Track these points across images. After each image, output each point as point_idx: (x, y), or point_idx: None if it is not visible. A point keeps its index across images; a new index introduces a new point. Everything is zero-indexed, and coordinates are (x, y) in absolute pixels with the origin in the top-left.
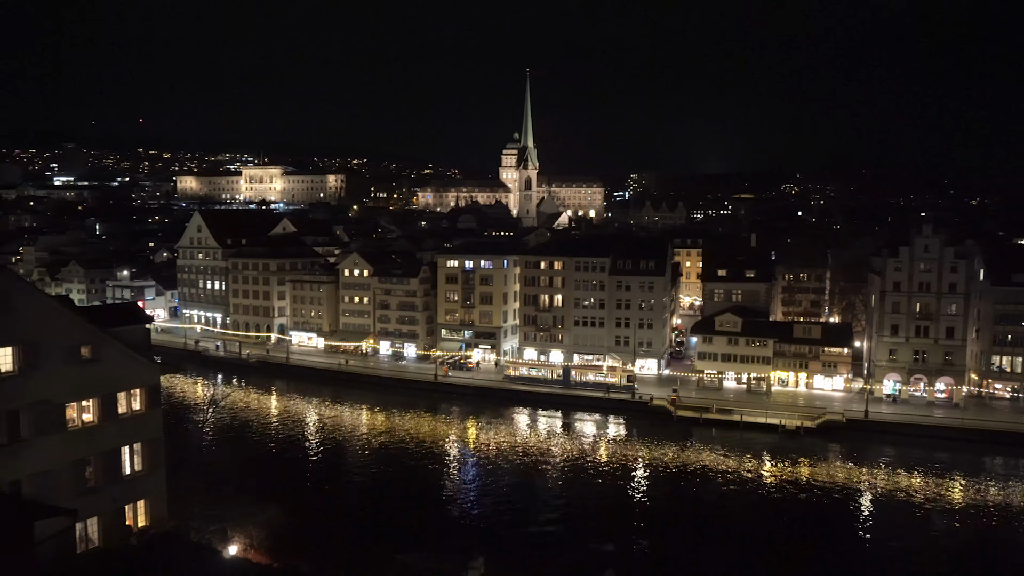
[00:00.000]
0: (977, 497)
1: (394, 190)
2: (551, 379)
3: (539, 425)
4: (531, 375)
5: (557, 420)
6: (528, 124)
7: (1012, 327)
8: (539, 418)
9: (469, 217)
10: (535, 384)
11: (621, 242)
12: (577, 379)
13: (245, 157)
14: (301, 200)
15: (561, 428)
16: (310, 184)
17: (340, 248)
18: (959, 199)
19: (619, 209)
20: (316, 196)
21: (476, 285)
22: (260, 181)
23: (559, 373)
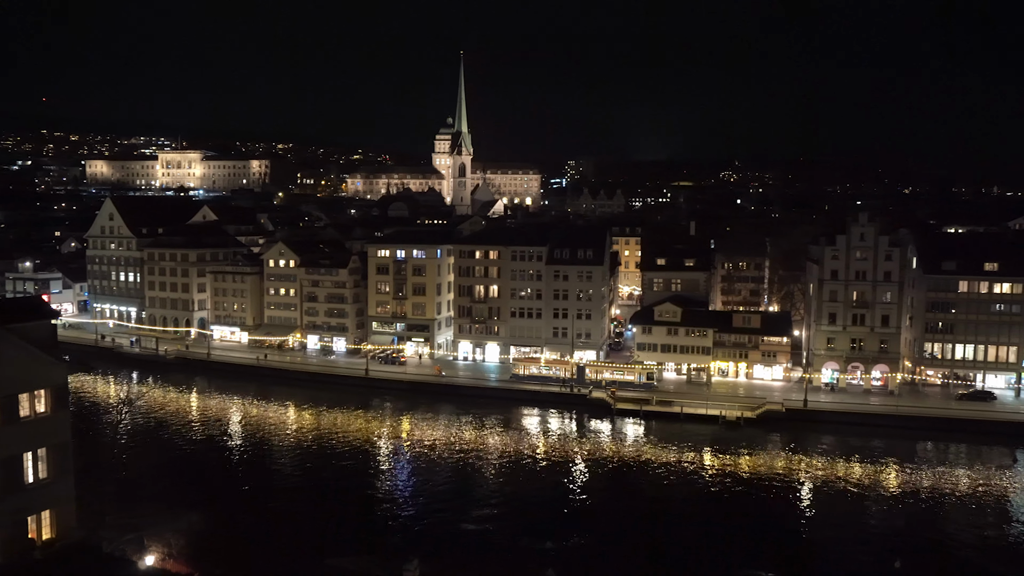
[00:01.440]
0: (910, 482)
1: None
2: (564, 378)
3: (475, 420)
4: (542, 374)
5: (494, 415)
6: (462, 108)
7: (943, 314)
8: (475, 413)
9: (401, 205)
10: (545, 383)
11: (558, 231)
12: (592, 376)
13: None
14: (222, 187)
15: (498, 423)
16: (232, 170)
17: (264, 237)
18: (893, 187)
19: (556, 196)
20: (239, 182)
21: (408, 276)
22: (178, 166)
23: (572, 371)
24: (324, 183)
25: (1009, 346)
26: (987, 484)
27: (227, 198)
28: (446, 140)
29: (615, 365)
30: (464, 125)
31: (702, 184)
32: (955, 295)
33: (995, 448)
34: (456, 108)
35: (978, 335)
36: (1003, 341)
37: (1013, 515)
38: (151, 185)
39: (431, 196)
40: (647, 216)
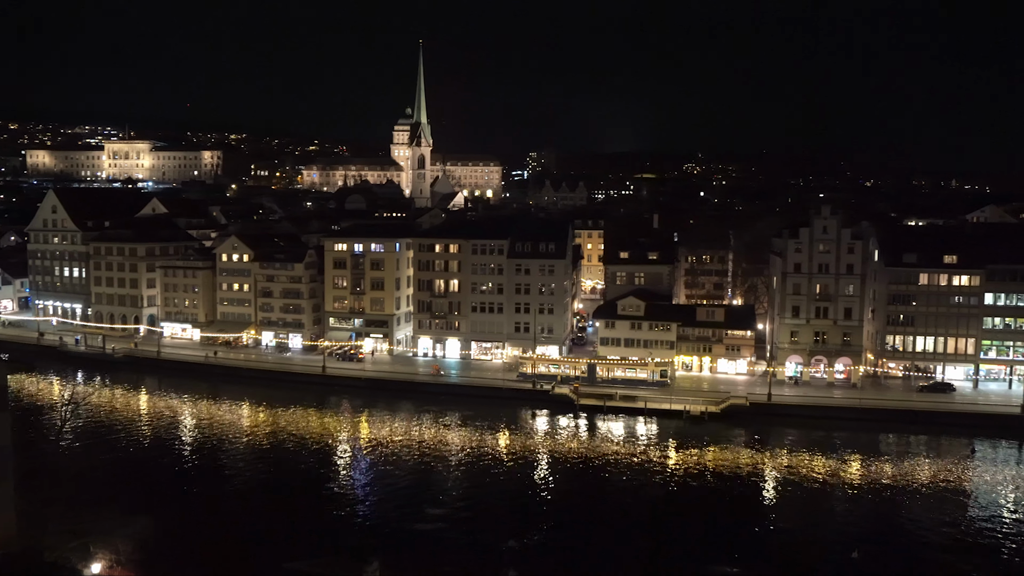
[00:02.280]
0: (873, 474)
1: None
2: (574, 377)
3: (436, 418)
4: (551, 372)
5: (455, 412)
6: (421, 99)
7: (904, 307)
8: (436, 410)
9: (358, 197)
10: (552, 383)
11: (520, 224)
12: (605, 375)
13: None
14: (173, 178)
15: (459, 421)
16: (183, 161)
17: (217, 231)
18: (855, 180)
19: (518, 189)
20: (190, 174)
21: (366, 270)
22: (126, 157)
23: (583, 369)
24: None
25: (967, 338)
26: (946, 475)
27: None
28: (405, 131)
29: (627, 363)
30: (423, 116)
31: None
32: (915, 287)
33: (954, 439)
34: (415, 98)
35: (938, 327)
36: (962, 333)
37: (970, 506)
38: (97, 176)
39: (389, 188)
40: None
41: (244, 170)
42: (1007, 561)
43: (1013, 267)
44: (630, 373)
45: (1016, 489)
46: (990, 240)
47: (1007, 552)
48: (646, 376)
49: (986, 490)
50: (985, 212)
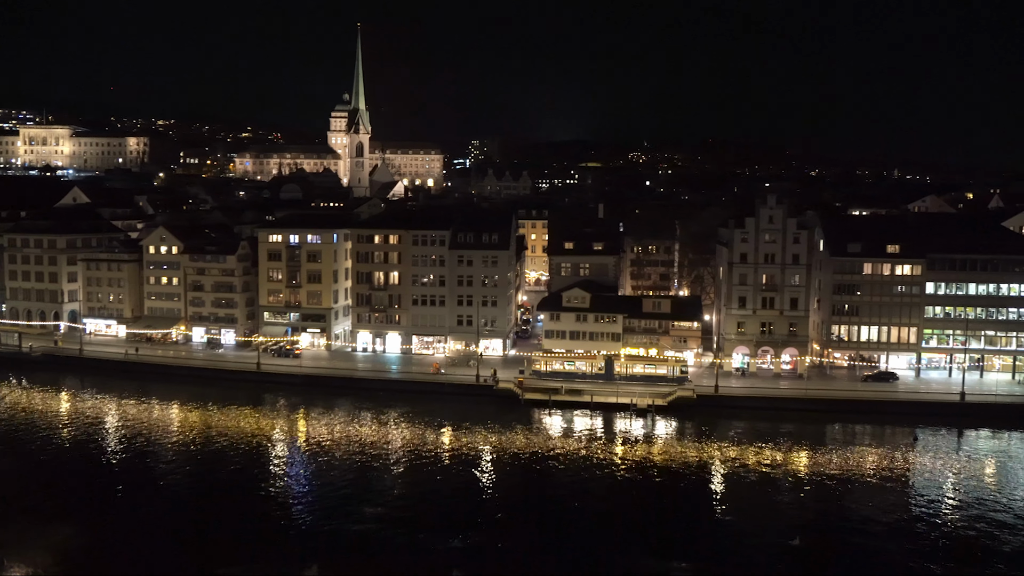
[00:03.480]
0: (819, 465)
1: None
2: (591, 374)
3: (377, 415)
4: (565, 370)
5: (397, 409)
6: (359, 84)
7: (848, 296)
8: (377, 407)
9: (294, 186)
10: (569, 380)
11: (462, 214)
12: (623, 372)
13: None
14: (96, 166)
15: (402, 418)
16: (107, 147)
17: (144, 222)
18: (800, 170)
19: (460, 178)
20: (114, 162)
21: (303, 262)
22: (43, 143)
23: (600, 367)
24: (210, 163)
25: (910, 327)
26: (889, 463)
27: (101, 178)
28: (342, 118)
29: (646, 358)
30: (362, 102)
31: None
32: (860, 277)
33: (898, 428)
34: (353, 84)
35: (881, 316)
36: (904, 322)
37: (911, 493)
38: (11, 163)
39: (326, 177)
40: (554, 198)
41: (172, 157)
42: (944, 546)
43: (952, 256)
44: (649, 369)
45: (955, 476)
46: (931, 230)
47: (945, 538)
48: (665, 372)
49: (927, 477)
50: (926, 202)
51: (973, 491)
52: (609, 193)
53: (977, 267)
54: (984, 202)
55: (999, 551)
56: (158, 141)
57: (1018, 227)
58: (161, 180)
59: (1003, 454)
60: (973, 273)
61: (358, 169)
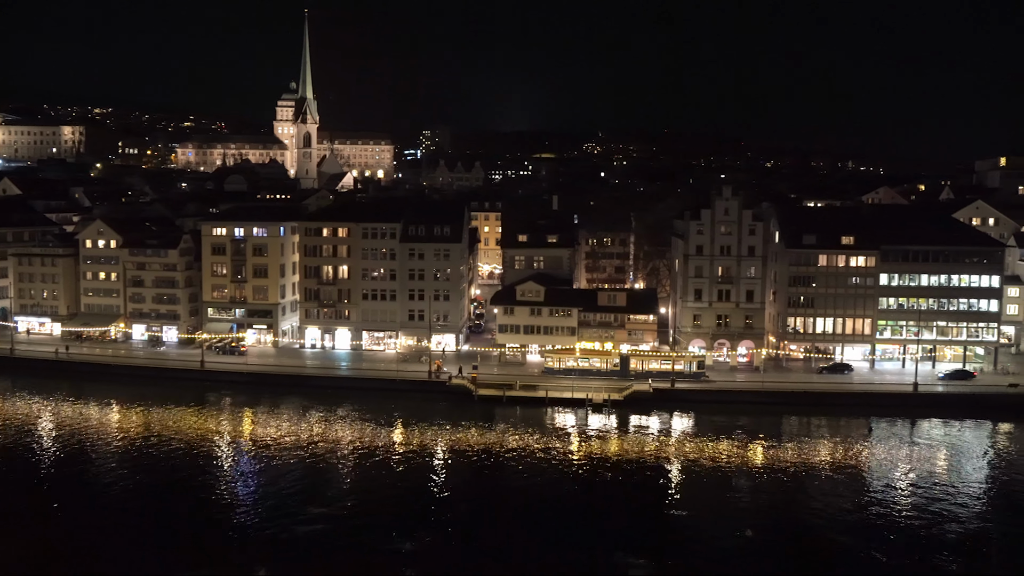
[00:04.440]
0: (775, 458)
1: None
2: (606, 371)
3: (326, 414)
4: (579, 367)
5: (347, 407)
6: (307, 72)
7: (804, 288)
8: (327, 406)
9: (239, 178)
10: (583, 377)
11: (413, 206)
12: (639, 368)
13: None
14: (27, 156)
15: (352, 416)
16: (39, 137)
17: (80, 214)
18: (755, 161)
19: (410, 169)
20: (47, 151)
21: (248, 256)
22: None
23: (615, 363)
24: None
25: (864, 318)
26: (845, 455)
27: (33, 169)
28: (289, 107)
29: (662, 354)
30: (309, 91)
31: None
32: (815, 269)
33: (853, 419)
34: (300, 72)
35: (836, 308)
36: (859, 314)
37: (866, 483)
38: None
39: (273, 168)
40: (507, 190)
41: (110, 147)
42: (895, 535)
43: (905, 247)
44: (665, 365)
45: (908, 466)
46: (884, 221)
47: (898, 527)
48: (682, 367)
49: (880, 468)
50: (879, 194)
51: (925, 480)
52: (563, 184)
53: (929, 258)
54: (935, 194)
55: (946, 539)
56: (95, 130)
57: (968, 219)
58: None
59: (954, 444)
60: (925, 264)
61: (306, 160)
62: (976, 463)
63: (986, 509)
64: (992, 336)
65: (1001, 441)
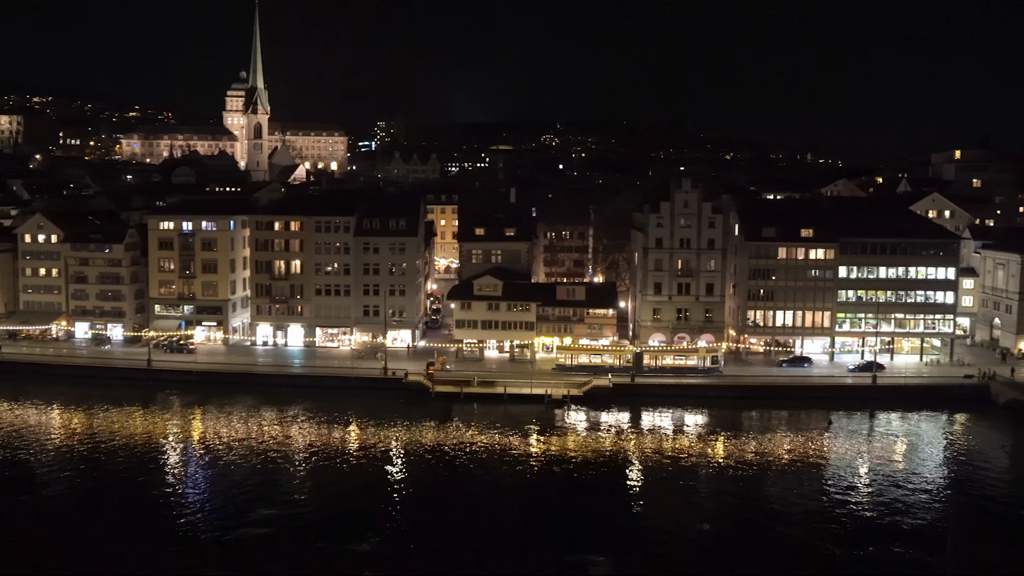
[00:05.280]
0: (736, 452)
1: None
2: (619, 367)
3: (279, 413)
4: (592, 363)
5: (300, 405)
6: (257, 61)
7: (764, 281)
8: (279, 404)
9: (187, 170)
10: (595, 373)
11: (368, 199)
12: (654, 364)
13: None
14: None
15: (305, 415)
16: None
17: (18, 208)
18: (715, 153)
19: (365, 161)
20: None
21: (197, 251)
22: None
23: (628, 358)
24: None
25: (824, 311)
26: (805, 448)
27: None
28: (239, 97)
29: (676, 349)
30: (260, 80)
31: (522, 148)
32: (774, 262)
33: (813, 412)
34: (251, 61)
35: (796, 301)
36: (818, 306)
37: (825, 477)
38: None
39: (222, 160)
40: (464, 183)
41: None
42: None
43: (864, 240)
44: (679, 360)
45: (867, 458)
46: (843, 214)
47: (856, 519)
48: (696, 363)
49: (840, 460)
50: (838, 186)
51: (883, 473)
52: (521, 177)
53: (887, 251)
54: (893, 186)
55: (901, 530)
56: (34, 120)
57: (925, 211)
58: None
59: (912, 435)
60: (883, 257)
61: (256, 152)
62: (933, 454)
63: (942, 499)
64: (948, 328)
65: (957, 431)
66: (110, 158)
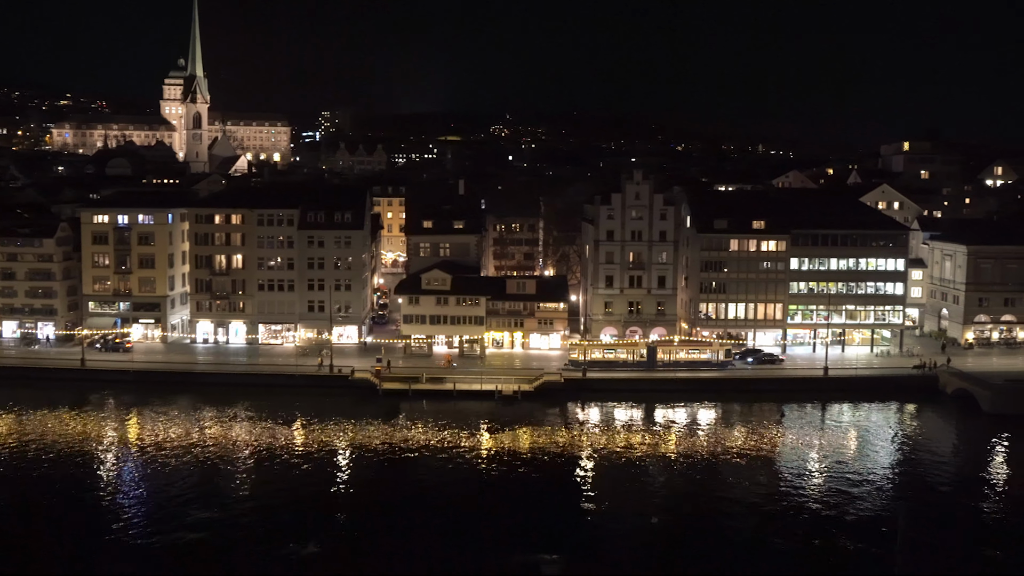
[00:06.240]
0: (689, 446)
1: (19, 125)
2: (632, 363)
3: (220, 413)
4: (605, 359)
5: (243, 405)
6: (197, 48)
7: (716, 274)
8: (220, 404)
9: (122, 161)
10: (609, 369)
11: (312, 191)
12: (666, 358)
13: None
14: None
15: (248, 414)
16: None
17: None
18: (666, 144)
19: (309, 152)
20: None
21: (133, 246)
22: None
23: (642, 353)
24: (21, 133)
25: (776, 303)
26: (757, 440)
27: None
28: (177, 85)
29: (689, 343)
30: (199, 68)
31: (471, 139)
32: (726, 254)
33: (765, 405)
34: (190, 48)
35: (748, 293)
36: (770, 299)
37: (777, 469)
38: None
39: (160, 151)
40: (411, 174)
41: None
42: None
43: (815, 232)
44: (693, 355)
45: (818, 450)
46: (795, 205)
47: (807, 511)
48: (710, 357)
49: (792, 453)
50: (789, 178)
51: (834, 464)
52: (470, 168)
53: (838, 242)
54: (843, 178)
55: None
56: None
57: (874, 202)
58: None
59: (862, 426)
60: (834, 248)
61: (196, 142)
62: (882, 444)
63: (891, 489)
64: (898, 319)
65: (907, 422)
66: (40, 148)
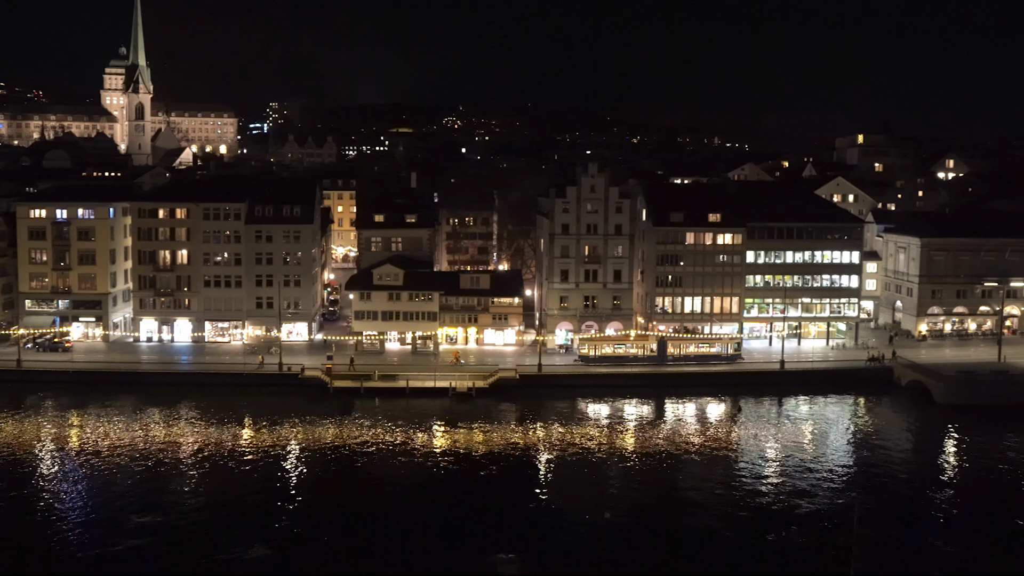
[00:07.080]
0: (647, 442)
1: None
2: (643, 357)
3: (165, 414)
4: (616, 354)
5: (189, 405)
6: (139, 36)
7: (672, 267)
8: (165, 405)
9: (60, 153)
10: (619, 364)
11: (259, 184)
12: (676, 353)
13: None
14: None
15: (194, 415)
16: None
17: None
18: (621, 137)
19: (256, 144)
20: None
21: (72, 241)
22: None
23: (652, 348)
24: None
25: (732, 296)
26: (714, 435)
27: None
28: (119, 74)
29: (698, 337)
30: (142, 57)
31: (423, 131)
32: (682, 247)
33: (723, 399)
34: (132, 36)
35: (704, 287)
36: (727, 292)
37: (733, 463)
38: None
39: (100, 143)
40: (362, 167)
41: None
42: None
43: (771, 224)
44: (703, 348)
45: (774, 443)
46: (750, 198)
47: (763, 506)
48: (719, 351)
49: (748, 447)
50: (745, 170)
51: (790, 458)
52: (422, 161)
53: (793, 235)
54: (799, 170)
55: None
56: None
57: (829, 195)
58: None
59: (818, 419)
60: (790, 241)
61: (138, 134)
62: (838, 438)
63: (847, 481)
64: (853, 312)
65: (862, 414)
66: None
